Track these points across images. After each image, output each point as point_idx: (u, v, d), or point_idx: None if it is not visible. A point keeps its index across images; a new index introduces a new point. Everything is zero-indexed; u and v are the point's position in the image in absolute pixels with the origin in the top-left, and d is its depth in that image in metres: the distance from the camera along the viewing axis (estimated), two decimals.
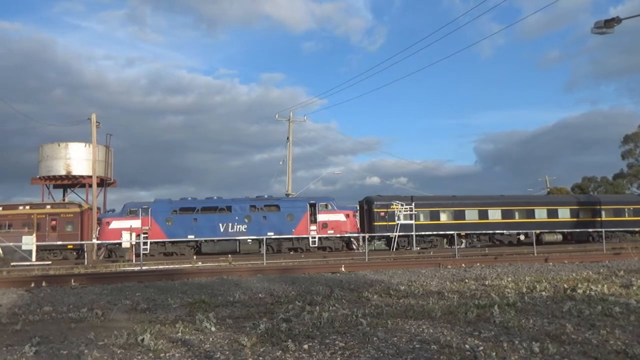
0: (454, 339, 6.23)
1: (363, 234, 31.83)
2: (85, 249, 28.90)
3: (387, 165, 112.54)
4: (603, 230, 31.98)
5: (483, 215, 36.70)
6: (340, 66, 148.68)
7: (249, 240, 32.42)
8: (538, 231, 34.36)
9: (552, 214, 37.97)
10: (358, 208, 36.57)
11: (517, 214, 37.32)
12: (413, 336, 6.45)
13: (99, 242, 30.21)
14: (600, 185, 66.48)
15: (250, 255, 30.41)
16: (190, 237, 31.64)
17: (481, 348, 5.78)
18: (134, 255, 28.33)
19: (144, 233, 30.99)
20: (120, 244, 30.62)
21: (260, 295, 11.12)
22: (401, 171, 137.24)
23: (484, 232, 35.80)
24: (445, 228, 34.90)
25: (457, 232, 32.10)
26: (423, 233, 34.20)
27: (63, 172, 38.13)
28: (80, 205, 35.12)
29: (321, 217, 33.55)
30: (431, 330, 6.76)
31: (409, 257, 26.04)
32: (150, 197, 36.19)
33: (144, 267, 21.92)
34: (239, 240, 32.24)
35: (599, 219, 38.41)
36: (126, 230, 30.85)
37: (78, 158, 38.34)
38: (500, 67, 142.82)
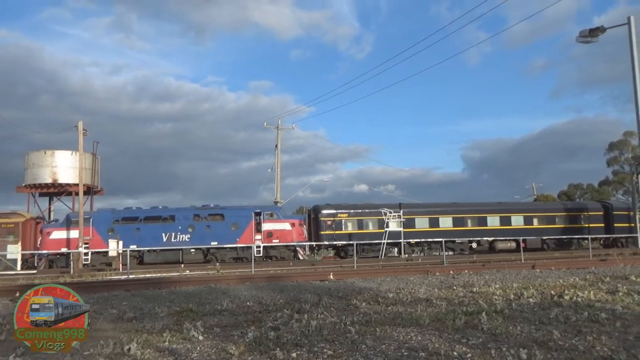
0: (442, 346, 6.24)
1: (309, 243, 31.82)
2: (71, 258, 28.61)
3: (375, 173, 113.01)
4: (589, 236, 32.10)
5: (434, 223, 36.46)
6: (328, 74, 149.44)
7: (192, 250, 31.99)
8: (491, 239, 34.32)
9: (505, 221, 37.70)
10: (306, 217, 36.58)
11: (469, 222, 37.13)
12: (401, 344, 6.45)
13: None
14: (587, 192, 67.16)
15: (238, 263, 30.30)
16: (132, 247, 30.78)
17: (469, 355, 5.80)
18: (120, 264, 28.08)
19: (85, 243, 30.62)
20: (61, 254, 30.50)
21: (248, 303, 11.06)
22: (389, 178, 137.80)
23: (434, 240, 35.01)
24: (394, 236, 34.79)
25: (407, 240, 32.20)
26: (371, 242, 34.05)
27: (49, 180, 37.66)
28: (23, 215, 34.54)
29: (266, 226, 33.14)
30: (419, 338, 6.77)
31: (397, 264, 26.06)
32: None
33: (130, 276, 21.73)
34: (181, 250, 31.72)
35: (554, 226, 38.28)
36: (65, 240, 30.84)
37: (64, 166, 37.90)
38: (488, 75, 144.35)
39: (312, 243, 32.74)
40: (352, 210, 35.98)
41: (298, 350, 6.22)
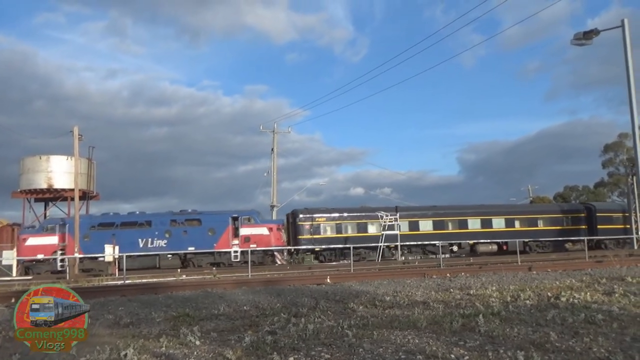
0: (439, 349, 6.24)
1: (286, 247, 31.76)
2: (67, 263, 28.52)
3: (372, 176, 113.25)
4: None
5: (414, 226, 36.25)
6: (324, 77, 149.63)
7: (168, 256, 31.81)
8: (472, 242, 34.18)
9: (486, 223, 37.52)
10: (285, 221, 36.47)
11: (449, 225, 36.97)
12: (399, 347, 6.45)
13: (27, 258, 29.67)
14: (582, 194, 67.38)
15: (234, 267, 30.22)
16: (108, 252, 30.44)
17: (466, 358, 5.81)
18: (116, 269, 28.00)
19: (60, 250, 30.57)
20: (38, 260, 30.34)
21: (245, 307, 11.03)
22: (385, 181, 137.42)
23: (415, 243, 34.89)
24: (373, 240, 34.72)
25: (386, 244, 32.08)
26: (350, 245, 33.98)
27: (44, 186, 37.61)
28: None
29: (244, 231, 33.02)
30: (417, 341, 6.76)
31: (394, 267, 26.08)
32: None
33: (127, 281, 21.68)
34: (158, 255, 31.53)
35: (536, 228, 38.07)
36: (40, 247, 30.58)
37: (60, 171, 37.85)
38: (483, 77, 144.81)
39: (291, 247, 32.64)
40: (331, 214, 35.83)
41: (295, 354, 6.21)
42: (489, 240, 35.83)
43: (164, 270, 29.93)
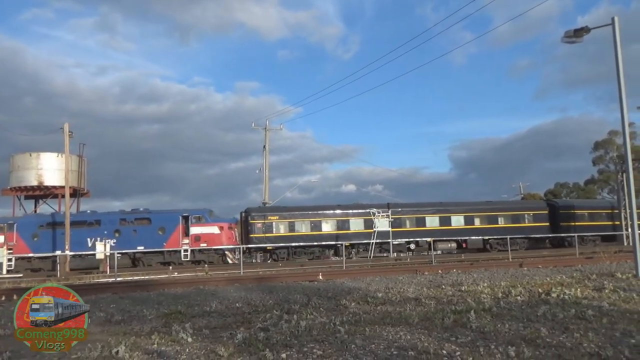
0: (431, 344, 6.26)
1: (237, 246, 31.82)
2: (58, 261, 28.38)
3: (364, 173, 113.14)
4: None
5: (369, 224, 35.80)
6: (316, 74, 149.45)
7: (118, 255, 31.75)
8: (430, 239, 34.16)
9: (445, 221, 37.07)
10: (238, 220, 36.34)
11: (407, 223, 36.58)
12: (391, 343, 6.47)
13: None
14: (573, 191, 67.84)
15: (227, 265, 30.21)
16: (58, 252, 30.54)
17: (458, 353, 5.83)
18: (108, 267, 27.89)
19: (8, 249, 30.33)
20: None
21: (237, 304, 11.03)
22: (377, 179, 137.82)
23: (369, 241, 34.57)
24: (328, 238, 34.53)
25: (341, 242, 32.02)
26: (303, 244, 33.82)
27: (35, 183, 37.32)
28: None
29: (194, 230, 32.81)
30: (409, 337, 6.79)
31: (386, 264, 26.15)
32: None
33: (118, 279, 21.60)
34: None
35: (496, 225, 37.61)
36: None
37: (50, 168, 37.57)
38: (474, 75, 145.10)
39: (242, 246, 32.75)
40: (283, 213, 35.65)
41: (288, 350, 6.21)
42: (447, 238, 35.42)
43: (156, 268, 29.86)
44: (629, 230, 35.35)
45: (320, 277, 17.51)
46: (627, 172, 15.05)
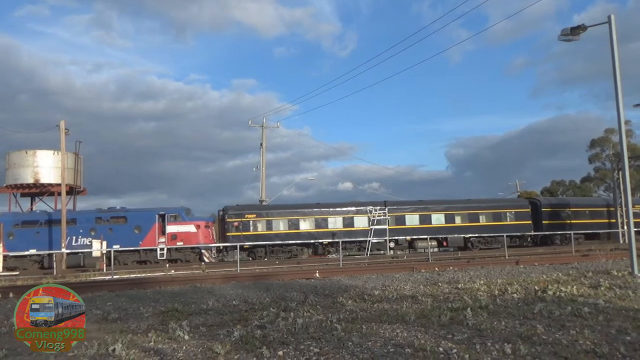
0: (427, 342, 6.27)
1: (213, 245, 31.68)
2: (54, 259, 28.31)
3: (360, 171, 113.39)
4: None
5: (349, 223, 35.57)
6: (312, 72, 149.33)
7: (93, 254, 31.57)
8: (409, 238, 33.73)
9: (425, 219, 36.75)
10: (216, 218, 36.27)
11: (387, 221, 35.96)
12: (387, 340, 6.48)
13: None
14: (569, 188, 68.04)
15: (223, 263, 30.19)
16: (33, 251, 30.64)
17: (454, 350, 5.84)
18: (104, 265, 27.83)
19: None
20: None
21: (234, 302, 11.03)
22: (374, 176, 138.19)
23: (349, 240, 34.33)
24: (305, 237, 34.31)
25: (319, 240, 31.81)
26: (283, 242, 33.48)
27: (31, 181, 37.19)
28: None
29: (170, 229, 32.73)
30: (405, 334, 6.80)
31: (383, 262, 26.20)
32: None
33: (115, 277, 21.57)
34: (83, 253, 30.87)
35: (477, 224, 37.44)
36: None
37: (46, 166, 37.44)
38: (470, 73, 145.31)
39: (218, 245, 32.54)
40: (261, 211, 35.60)
41: (284, 348, 6.22)
42: (428, 236, 35.57)
43: (152, 266, 29.82)
44: (625, 228, 35.52)
45: (317, 274, 17.53)
46: (623, 170, 15.08)
